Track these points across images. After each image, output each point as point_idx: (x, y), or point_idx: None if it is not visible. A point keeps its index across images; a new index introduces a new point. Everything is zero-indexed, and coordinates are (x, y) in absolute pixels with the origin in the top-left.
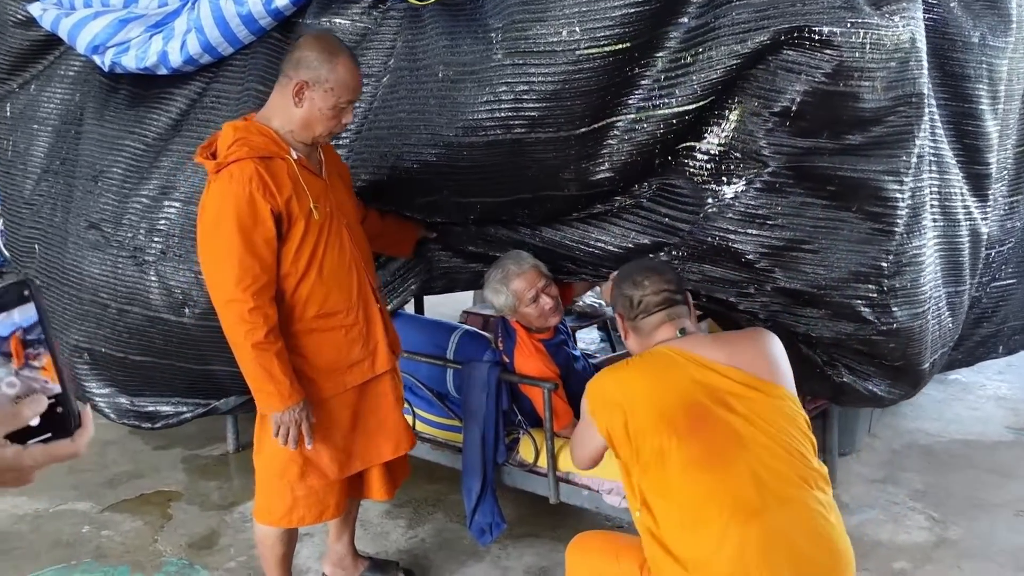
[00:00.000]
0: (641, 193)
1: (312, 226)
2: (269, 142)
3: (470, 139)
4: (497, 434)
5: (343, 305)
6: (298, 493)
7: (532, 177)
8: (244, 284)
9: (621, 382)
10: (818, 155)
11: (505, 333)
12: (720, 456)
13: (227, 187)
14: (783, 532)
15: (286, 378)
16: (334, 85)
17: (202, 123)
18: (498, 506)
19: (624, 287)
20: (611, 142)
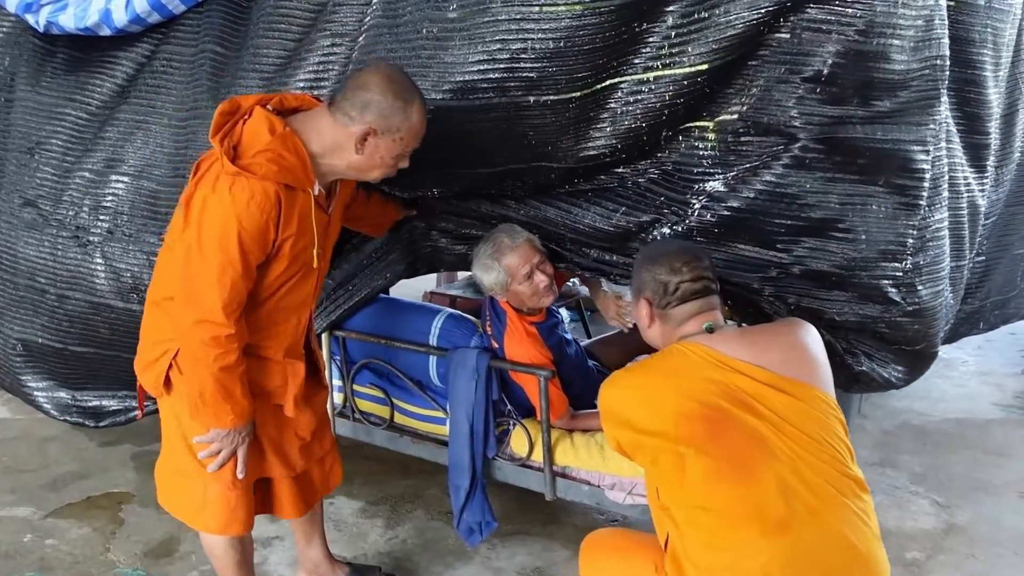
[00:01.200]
0: (646, 167)
1: (294, 267)
2: (299, 169)
3: (459, 103)
4: (487, 426)
5: (276, 344)
6: (210, 495)
7: (527, 146)
8: (229, 309)
9: (631, 393)
10: (849, 124)
11: (494, 315)
12: (744, 465)
13: (243, 203)
14: (813, 547)
15: (245, 399)
16: (405, 135)
17: (152, 89)
18: (488, 504)
19: (658, 271)
20: (613, 105)
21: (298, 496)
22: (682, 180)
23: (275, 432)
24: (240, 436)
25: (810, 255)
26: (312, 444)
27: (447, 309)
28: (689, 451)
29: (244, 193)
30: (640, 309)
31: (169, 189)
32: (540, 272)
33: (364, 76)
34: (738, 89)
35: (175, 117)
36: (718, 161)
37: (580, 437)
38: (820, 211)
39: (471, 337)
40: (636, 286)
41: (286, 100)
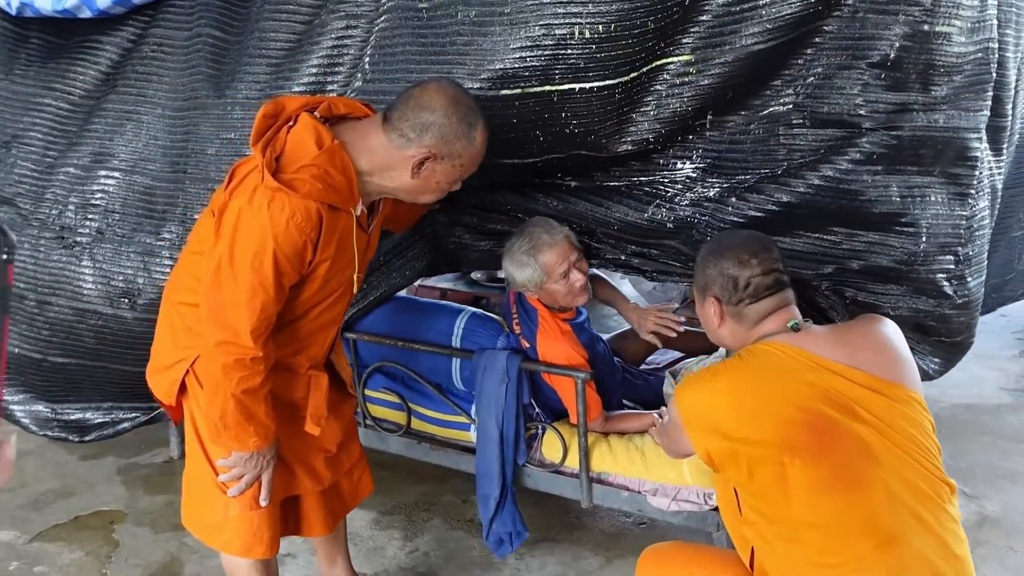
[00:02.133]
0: (685, 160)
1: (326, 291)
2: (344, 190)
3: (499, 92)
4: (517, 432)
5: (303, 360)
6: (231, 512)
7: (567, 135)
8: (258, 332)
9: (721, 397)
10: (912, 112)
11: (523, 313)
12: (853, 476)
13: (282, 222)
14: (924, 557)
15: (270, 420)
16: (465, 161)
17: (142, 76)
18: (519, 513)
19: (725, 265)
20: (659, 88)
21: (326, 511)
22: (724, 174)
23: (300, 445)
24: (264, 459)
25: (869, 249)
26: (340, 455)
27: (469, 308)
28: (794, 461)
29: (284, 212)
30: (707, 308)
31: (166, 185)
32: (577, 270)
33: (426, 95)
34: (792, 76)
35: (170, 107)
36: (766, 155)
37: (617, 441)
38: (881, 205)
39: (497, 337)
40: (701, 283)
41: (335, 106)
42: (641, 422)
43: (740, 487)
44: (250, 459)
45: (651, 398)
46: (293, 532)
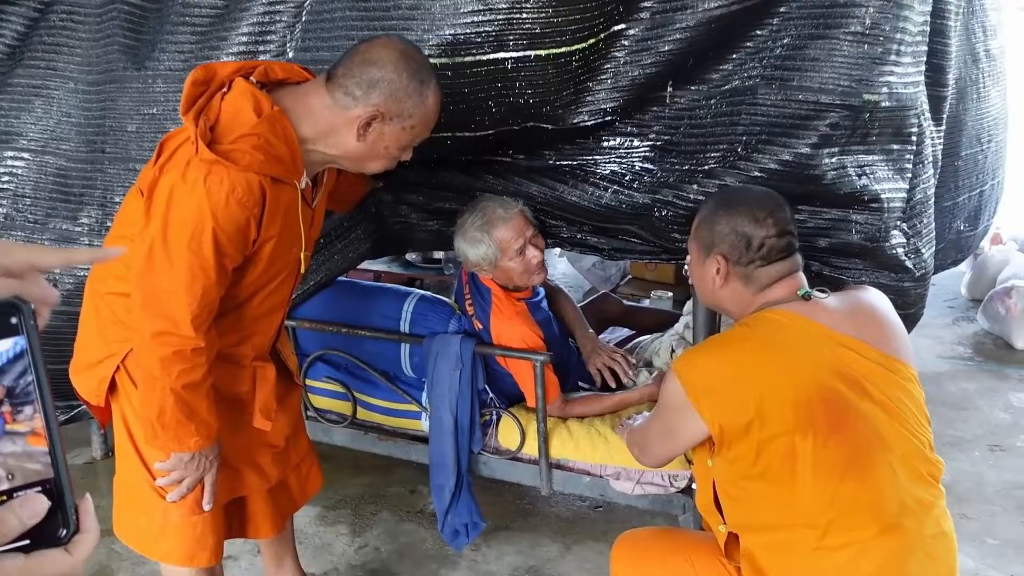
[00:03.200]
0: (643, 139)
1: (271, 272)
2: (287, 161)
3: (449, 60)
4: (472, 419)
5: (248, 350)
6: (171, 519)
7: (522, 105)
8: (199, 321)
9: (735, 368)
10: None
11: (476, 293)
12: (863, 459)
13: (221, 198)
14: (921, 539)
15: (212, 418)
16: (417, 122)
17: (50, 48)
18: (476, 503)
19: (739, 222)
20: (617, 55)
21: (274, 510)
22: (683, 154)
23: (245, 442)
24: (207, 460)
25: (835, 226)
26: (288, 450)
27: (417, 291)
28: (805, 441)
29: (223, 186)
30: (708, 267)
31: (82, 167)
32: (533, 247)
33: (374, 50)
34: (757, 48)
35: (83, 81)
36: (727, 132)
37: (578, 426)
38: (844, 186)
39: (448, 321)
40: (707, 240)
41: (272, 70)
42: (601, 404)
43: (740, 466)
44: (191, 460)
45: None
46: (238, 534)
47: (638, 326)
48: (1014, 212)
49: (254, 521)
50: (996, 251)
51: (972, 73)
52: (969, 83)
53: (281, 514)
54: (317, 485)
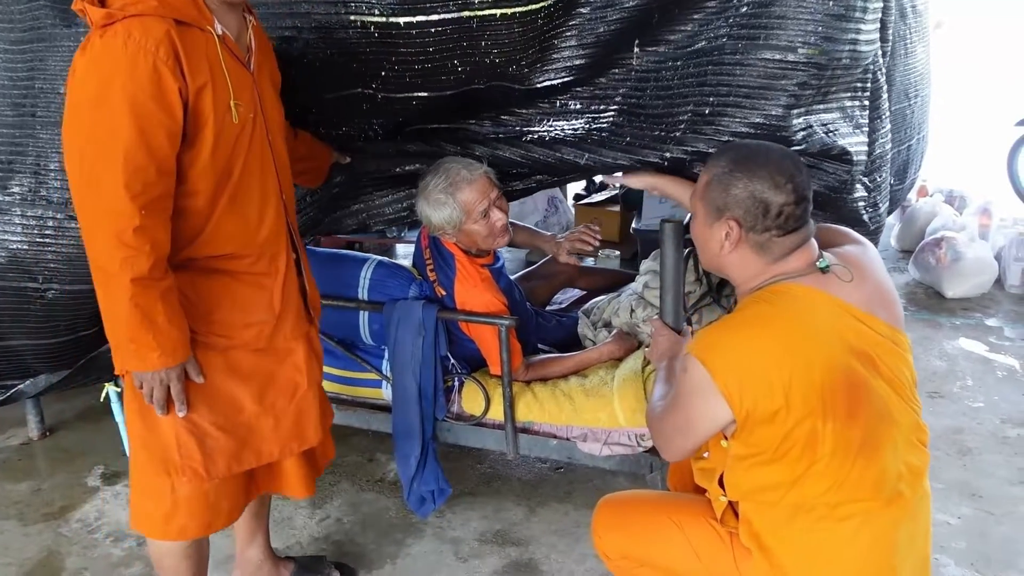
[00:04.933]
0: (613, 95)
1: (227, 134)
2: (189, 2)
3: (412, 19)
4: (436, 386)
5: (253, 248)
6: (180, 494)
7: (487, 64)
8: (134, 191)
9: (769, 348)
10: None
11: (439, 258)
12: (874, 439)
13: (121, 49)
14: (915, 505)
15: (174, 327)
16: None
17: None
18: (441, 469)
19: (757, 186)
20: (583, 10)
21: (308, 468)
22: (649, 118)
23: (275, 395)
24: (170, 374)
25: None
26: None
27: (375, 257)
28: (827, 425)
29: (118, 38)
30: (717, 231)
31: (9, 132)
32: (498, 209)
33: None
34: (722, 5)
35: (5, 40)
36: (694, 94)
37: (542, 388)
38: (814, 144)
39: (408, 287)
40: (719, 202)
41: None
42: (563, 365)
43: (759, 450)
44: (151, 378)
45: (563, 339)
46: (267, 489)
47: (592, 287)
48: (938, 165)
49: (285, 477)
50: (923, 203)
51: (900, 29)
52: (897, 39)
53: (312, 474)
54: (331, 452)
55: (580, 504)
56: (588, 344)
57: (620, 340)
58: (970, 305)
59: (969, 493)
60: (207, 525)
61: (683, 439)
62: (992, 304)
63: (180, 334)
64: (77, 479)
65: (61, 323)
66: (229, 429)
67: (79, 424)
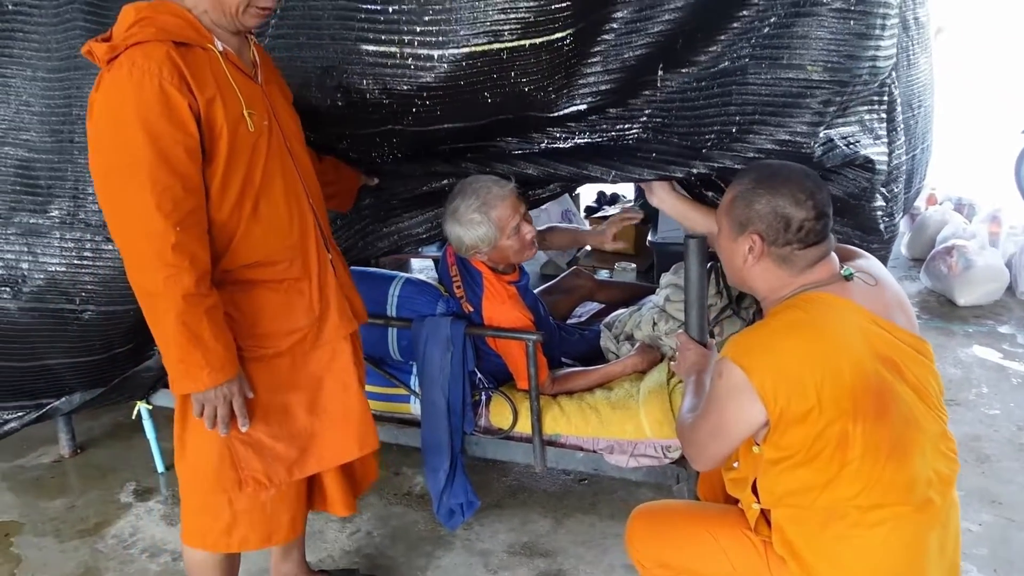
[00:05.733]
0: (638, 115)
1: (244, 143)
2: (185, 25)
3: (445, 51)
4: (464, 401)
5: (284, 253)
6: (238, 506)
7: (517, 94)
8: (165, 210)
9: (803, 350)
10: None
11: (467, 276)
12: (903, 443)
13: (126, 78)
14: (944, 511)
15: (220, 344)
16: None
17: (5, 35)
18: (469, 483)
19: (779, 202)
20: (608, 37)
21: (348, 486)
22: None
23: (327, 400)
24: (223, 391)
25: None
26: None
27: (402, 274)
28: (857, 427)
29: (123, 68)
30: (741, 244)
31: (49, 157)
32: (526, 222)
33: None
34: (744, 28)
35: (43, 68)
36: (719, 114)
37: (568, 402)
38: (834, 158)
39: (436, 303)
40: (743, 217)
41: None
42: (588, 378)
43: (790, 452)
44: (209, 393)
45: (586, 353)
46: (312, 507)
47: (610, 300)
48: (947, 173)
49: (329, 494)
50: (933, 211)
51: (903, 41)
52: (900, 50)
53: (353, 492)
54: (374, 472)
55: (605, 515)
56: (611, 357)
57: (643, 353)
58: (982, 313)
59: (989, 500)
60: (267, 537)
61: (717, 445)
62: (1004, 311)
63: (227, 351)
64: (110, 495)
65: (96, 342)
66: (285, 438)
67: (109, 441)
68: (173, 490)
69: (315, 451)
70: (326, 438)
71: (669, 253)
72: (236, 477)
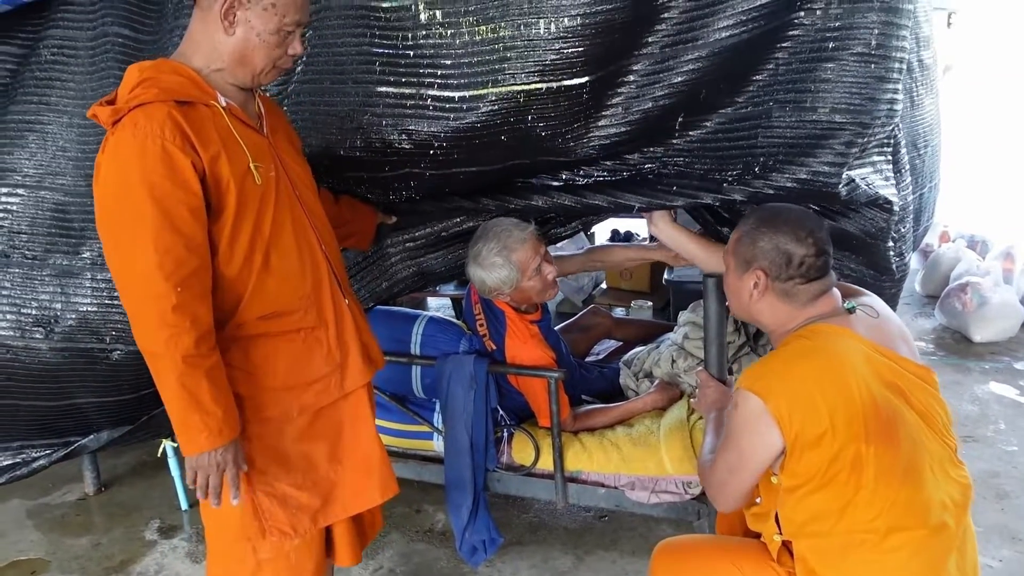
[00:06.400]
0: (659, 155)
1: (251, 195)
2: (188, 83)
3: (467, 92)
4: (487, 437)
5: (299, 303)
6: (262, 555)
7: (534, 138)
8: (166, 270)
9: (813, 376)
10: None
11: (491, 315)
12: (915, 466)
13: (129, 139)
14: (957, 536)
15: (219, 407)
16: (275, 1)
17: (43, 83)
18: (492, 519)
19: (781, 239)
20: (627, 89)
21: (356, 536)
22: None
23: (346, 448)
24: (216, 458)
25: (844, 213)
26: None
27: (425, 313)
28: (869, 449)
29: (126, 130)
30: (746, 280)
31: (82, 200)
32: (547, 263)
33: None
34: (771, 74)
35: (78, 115)
36: (743, 155)
37: (590, 438)
38: (859, 197)
39: (459, 341)
40: (748, 255)
41: None
42: (608, 416)
43: (806, 478)
44: (202, 458)
45: (606, 390)
46: None
47: (628, 337)
48: (960, 210)
49: (337, 545)
50: (947, 248)
51: (907, 82)
52: (904, 92)
53: (361, 543)
54: (380, 522)
55: (626, 552)
56: (630, 394)
57: (663, 390)
58: (998, 349)
59: (1009, 536)
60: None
61: (737, 480)
62: (1020, 348)
63: (226, 414)
64: (135, 533)
65: (125, 382)
66: (308, 487)
67: (133, 479)
68: (197, 527)
69: (339, 498)
70: (347, 486)
71: (685, 291)
72: (259, 526)
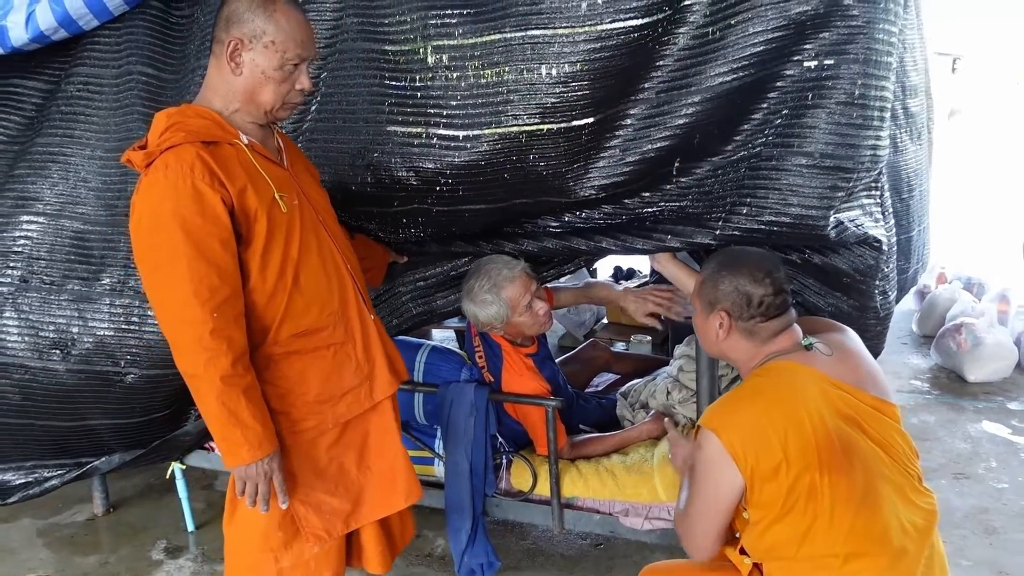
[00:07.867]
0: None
1: (279, 223)
2: (212, 125)
3: (470, 131)
4: (486, 463)
5: (327, 320)
6: (283, 564)
7: (535, 178)
8: (203, 297)
9: (765, 411)
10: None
11: (488, 348)
12: (872, 493)
13: (162, 180)
14: (919, 563)
15: (257, 423)
16: (275, 38)
17: (68, 116)
18: (490, 543)
19: (740, 281)
20: (625, 132)
21: (385, 544)
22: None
23: (373, 455)
24: (263, 467)
25: (833, 248)
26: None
27: (428, 342)
28: (824, 479)
29: (158, 172)
30: (712, 321)
31: (103, 230)
32: (539, 300)
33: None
34: (761, 120)
35: (101, 148)
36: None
37: (586, 465)
38: (849, 238)
39: (460, 370)
40: (710, 297)
41: None
42: (604, 444)
43: (768, 509)
44: (249, 469)
45: (603, 420)
46: (352, 563)
47: (626, 371)
48: (956, 252)
49: (366, 551)
50: (943, 290)
51: (891, 129)
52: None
53: (391, 551)
54: (411, 531)
55: None
56: (626, 424)
57: (658, 420)
58: (992, 389)
59: (997, 571)
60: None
61: (708, 522)
62: (1013, 388)
63: (264, 428)
64: (142, 553)
65: (138, 405)
66: (340, 493)
67: (141, 501)
68: (203, 548)
69: (367, 501)
70: (374, 491)
71: (684, 327)
72: (283, 538)
